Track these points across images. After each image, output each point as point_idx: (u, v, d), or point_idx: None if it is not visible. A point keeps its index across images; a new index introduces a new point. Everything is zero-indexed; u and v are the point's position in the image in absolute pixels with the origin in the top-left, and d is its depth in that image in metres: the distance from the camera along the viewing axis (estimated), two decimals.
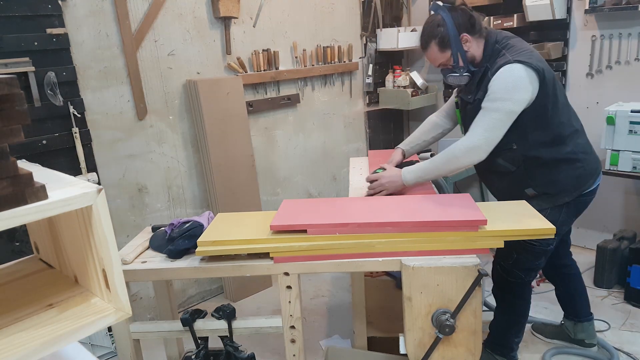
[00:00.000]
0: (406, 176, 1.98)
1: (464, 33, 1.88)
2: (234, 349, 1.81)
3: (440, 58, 1.94)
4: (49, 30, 2.29)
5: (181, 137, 2.93)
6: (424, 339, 1.63)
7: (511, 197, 2.01)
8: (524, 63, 1.78)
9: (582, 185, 1.98)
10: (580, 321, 2.38)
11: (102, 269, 0.84)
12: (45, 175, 0.86)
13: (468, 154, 1.85)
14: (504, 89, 1.79)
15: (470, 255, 1.60)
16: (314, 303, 3.05)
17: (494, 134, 1.82)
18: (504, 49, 1.88)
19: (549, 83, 1.85)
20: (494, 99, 1.80)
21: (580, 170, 1.97)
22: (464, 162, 1.88)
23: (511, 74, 1.79)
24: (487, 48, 1.92)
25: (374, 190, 2.06)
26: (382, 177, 2.04)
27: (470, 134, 1.85)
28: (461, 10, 1.90)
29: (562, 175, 1.95)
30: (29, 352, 0.76)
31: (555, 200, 1.98)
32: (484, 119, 1.83)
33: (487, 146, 1.83)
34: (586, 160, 1.99)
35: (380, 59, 3.98)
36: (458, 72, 1.93)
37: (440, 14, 1.89)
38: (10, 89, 0.71)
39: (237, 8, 2.97)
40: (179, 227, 1.83)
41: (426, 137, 2.30)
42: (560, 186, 1.96)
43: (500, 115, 1.80)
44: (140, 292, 2.88)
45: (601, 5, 2.93)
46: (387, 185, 2.02)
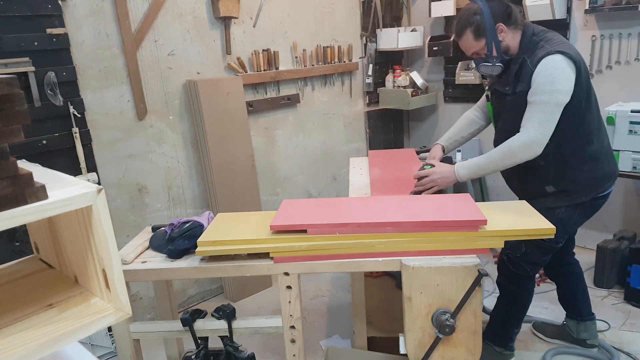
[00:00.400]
0: (460, 172, 1.96)
1: (500, 23, 1.89)
2: (234, 349, 1.81)
3: (474, 46, 1.94)
4: (49, 30, 2.29)
5: (181, 137, 2.93)
6: (424, 339, 1.63)
7: (530, 192, 2.03)
8: (564, 54, 1.79)
9: (600, 187, 1.99)
10: (583, 320, 2.37)
11: (102, 269, 0.84)
12: (45, 175, 0.86)
13: (526, 148, 1.84)
14: (550, 80, 1.79)
15: (470, 255, 1.60)
16: (314, 303, 3.05)
17: (548, 126, 1.82)
18: (541, 41, 1.89)
19: (584, 77, 1.86)
20: (542, 92, 1.80)
21: (600, 171, 1.98)
22: (522, 157, 1.86)
23: (554, 65, 1.79)
24: (524, 40, 1.92)
25: (424, 186, 2.03)
26: (433, 172, 2.01)
27: (525, 129, 1.85)
28: (498, 0, 1.91)
29: (583, 174, 1.96)
30: (29, 352, 0.76)
31: (572, 199, 1.98)
32: (536, 113, 1.83)
33: (544, 139, 1.83)
34: (607, 161, 2.00)
35: (380, 59, 3.98)
36: (491, 61, 1.93)
37: (478, 3, 1.90)
38: (10, 89, 0.71)
39: (237, 8, 2.97)
40: (179, 227, 1.83)
41: (464, 133, 2.30)
42: (579, 185, 1.97)
43: (551, 108, 1.80)
44: (140, 292, 2.88)
45: (601, 5, 2.93)
46: (439, 181, 2.00)
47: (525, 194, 2.07)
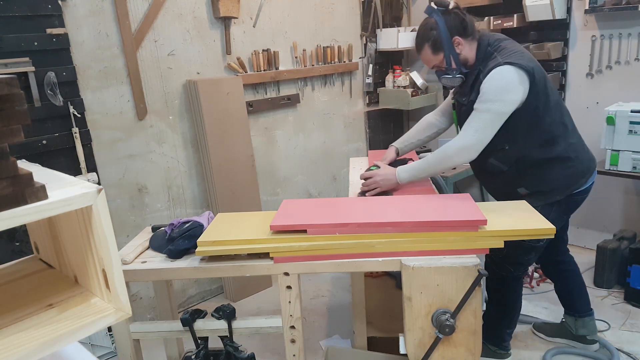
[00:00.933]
0: (401, 175, 2.03)
1: (456, 36, 1.92)
2: (234, 349, 1.81)
3: (433, 60, 1.98)
4: (49, 30, 2.29)
5: (181, 137, 2.93)
6: (424, 339, 1.63)
7: (505, 196, 2.07)
8: (514, 64, 1.82)
9: (573, 184, 2.02)
10: (581, 316, 2.38)
11: (102, 269, 0.84)
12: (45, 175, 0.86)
13: (460, 153, 1.90)
14: (495, 90, 1.83)
15: (470, 255, 1.60)
16: (314, 303, 3.05)
17: (485, 134, 1.87)
18: (495, 52, 1.92)
19: (540, 83, 1.88)
20: (485, 100, 1.85)
21: (572, 169, 2.00)
22: (456, 161, 1.94)
23: (501, 76, 1.83)
24: (480, 50, 1.96)
25: (368, 187, 2.09)
26: (376, 174, 2.08)
27: (462, 134, 1.91)
28: (454, 14, 1.93)
29: (553, 174, 1.99)
30: (29, 352, 0.76)
31: (546, 199, 2.01)
32: (475, 119, 1.88)
33: (478, 146, 1.88)
34: (578, 159, 2.02)
35: (380, 59, 3.98)
36: (451, 73, 1.98)
37: (434, 17, 1.94)
38: (10, 89, 0.71)
39: (237, 8, 2.97)
40: (179, 227, 1.83)
41: (420, 136, 2.36)
42: (551, 185, 2.00)
43: (491, 116, 1.85)
44: (140, 292, 2.88)
45: (601, 5, 2.93)
46: (382, 183, 2.06)
47: (502, 197, 2.11)
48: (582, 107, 3.25)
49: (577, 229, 3.44)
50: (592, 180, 2.08)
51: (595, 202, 3.32)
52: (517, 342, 2.51)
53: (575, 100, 3.27)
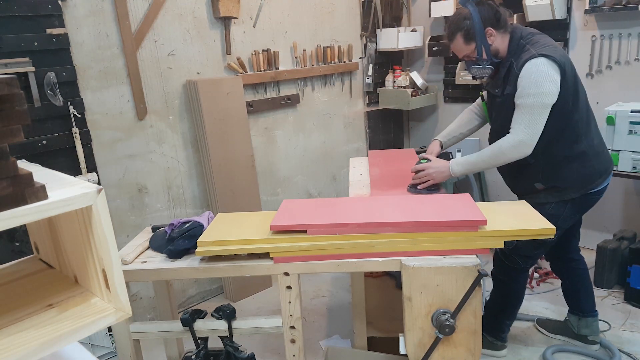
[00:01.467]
0: (454, 168, 2.05)
1: (489, 27, 1.96)
2: (234, 349, 1.81)
3: (464, 50, 2.02)
4: (49, 30, 2.29)
5: (181, 137, 2.93)
6: (424, 339, 1.63)
7: (521, 188, 2.14)
8: (547, 56, 1.86)
9: (590, 184, 2.03)
10: (585, 316, 2.39)
11: (102, 269, 0.84)
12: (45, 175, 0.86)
13: (515, 149, 1.92)
14: (534, 83, 1.86)
15: (470, 256, 1.60)
16: (314, 303, 3.05)
17: (535, 128, 1.90)
18: (528, 44, 1.95)
19: (570, 78, 1.91)
20: (527, 95, 1.88)
21: (590, 169, 2.02)
22: (511, 157, 1.95)
23: (537, 68, 1.86)
24: (512, 43, 1.99)
25: (421, 180, 2.11)
26: (429, 167, 2.09)
27: (514, 131, 1.93)
28: (488, 5, 1.97)
29: (571, 172, 2.01)
30: (29, 352, 0.76)
31: (561, 195, 2.04)
32: (523, 115, 1.90)
33: (532, 140, 1.91)
34: (597, 159, 2.04)
35: (380, 59, 3.98)
36: (481, 64, 2.01)
37: (468, 7, 1.97)
38: (10, 89, 0.71)
39: (237, 8, 2.97)
40: (179, 227, 1.83)
41: (463, 130, 2.38)
42: (568, 182, 2.02)
43: (537, 110, 1.88)
44: (140, 292, 2.88)
45: (601, 5, 2.93)
46: (435, 175, 2.08)
47: (518, 189, 2.19)
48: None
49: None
50: (608, 181, 2.09)
51: None
52: (517, 341, 2.51)
53: None
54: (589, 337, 2.39)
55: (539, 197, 2.07)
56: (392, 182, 2.29)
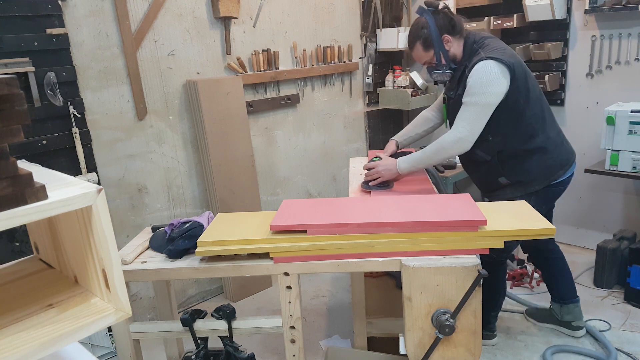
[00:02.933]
0: (401, 165, 2.16)
1: (445, 34, 2.07)
2: (234, 349, 1.81)
3: (424, 57, 2.13)
4: (49, 30, 2.29)
5: (181, 137, 2.93)
6: (424, 339, 1.63)
7: (488, 185, 2.27)
8: (495, 59, 1.96)
9: (551, 175, 2.14)
10: (566, 303, 2.49)
11: (102, 269, 0.84)
12: (45, 175, 0.86)
13: (455, 145, 2.03)
14: (479, 83, 1.97)
15: (470, 256, 1.61)
16: (314, 303, 3.05)
17: (476, 125, 2.00)
18: (480, 48, 2.06)
19: (520, 78, 2.01)
20: (472, 94, 1.99)
21: (550, 161, 2.13)
22: (452, 153, 2.06)
23: (485, 70, 1.97)
24: (466, 48, 2.11)
25: (371, 177, 2.22)
26: (378, 165, 2.20)
27: (455, 127, 2.04)
28: (443, 14, 2.08)
29: (532, 165, 2.12)
30: (29, 352, 0.76)
31: (525, 189, 2.15)
32: (465, 113, 2.02)
33: (471, 137, 2.01)
34: (556, 151, 2.15)
35: (380, 59, 3.97)
36: (441, 69, 2.12)
37: (425, 17, 2.08)
38: (10, 89, 0.70)
39: (237, 8, 2.97)
40: (179, 227, 1.83)
41: (418, 130, 2.51)
42: (530, 175, 2.14)
43: (479, 109, 1.99)
44: (140, 292, 2.88)
45: (601, 5, 2.93)
46: (383, 173, 2.18)
47: (484, 187, 2.32)
48: (582, 107, 3.25)
49: (577, 229, 3.44)
50: (570, 172, 2.20)
51: (595, 202, 3.32)
52: (517, 341, 2.51)
53: (575, 100, 3.27)
54: (572, 322, 2.49)
55: (505, 192, 2.19)
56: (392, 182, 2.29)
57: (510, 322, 2.68)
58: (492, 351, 2.44)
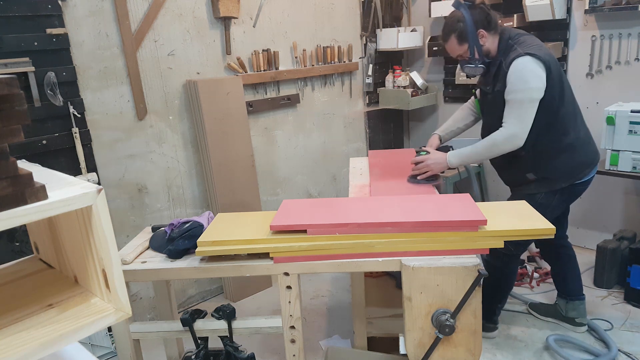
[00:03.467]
0: (451, 159, 2.19)
1: (481, 29, 2.10)
2: (234, 349, 1.81)
3: (458, 50, 2.16)
4: (49, 30, 2.29)
5: (181, 137, 2.93)
6: (424, 339, 1.63)
7: (515, 179, 2.31)
8: (532, 55, 2.00)
9: (578, 174, 2.18)
10: (572, 300, 2.54)
11: (102, 269, 0.84)
12: (45, 175, 0.86)
13: (508, 141, 2.07)
14: (521, 80, 2.01)
15: (470, 256, 1.61)
16: (314, 303, 3.05)
17: (525, 121, 2.04)
18: (516, 44, 2.09)
19: (555, 75, 2.04)
20: (516, 90, 2.03)
21: (577, 160, 2.18)
22: (504, 149, 2.10)
23: (524, 66, 2.01)
24: (501, 43, 2.14)
25: (420, 170, 2.25)
26: (427, 158, 2.23)
27: (507, 125, 2.07)
28: (479, 8, 2.11)
29: (561, 162, 2.16)
30: (29, 352, 0.76)
31: (551, 185, 2.19)
32: (514, 110, 2.05)
33: (523, 133, 2.05)
34: (584, 150, 2.19)
35: (380, 59, 3.97)
36: (474, 63, 2.16)
37: (461, 11, 2.11)
38: (10, 89, 0.71)
39: (237, 8, 2.97)
40: (179, 227, 1.83)
41: (459, 125, 2.52)
42: (558, 172, 2.17)
43: (525, 104, 2.03)
44: (140, 292, 2.88)
45: (601, 5, 2.93)
46: (433, 166, 2.22)
47: (510, 181, 2.36)
48: (582, 107, 3.21)
49: (577, 229, 3.44)
50: (594, 172, 2.24)
51: (595, 202, 3.32)
52: (517, 341, 2.51)
53: None
54: (576, 319, 2.54)
55: (529, 187, 2.22)
56: (392, 182, 2.29)
57: (511, 321, 2.68)
58: (492, 351, 2.45)
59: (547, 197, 2.18)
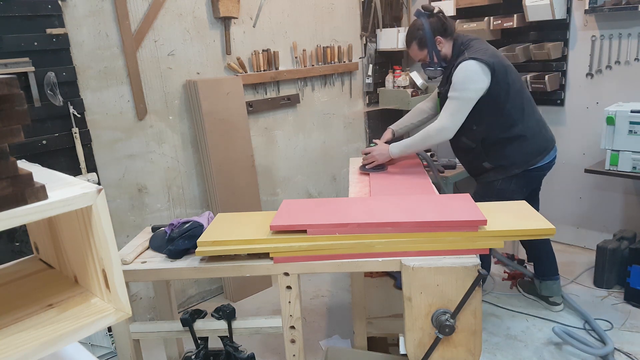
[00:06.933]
0: (392, 150, 2.43)
1: (438, 36, 2.34)
2: (233, 349, 1.81)
3: (419, 55, 2.42)
4: (49, 30, 2.29)
5: (181, 137, 2.93)
6: (424, 339, 1.63)
7: (475, 169, 2.54)
8: (477, 59, 2.21)
9: (529, 160, 2.38)
10: (544, 280, 2.74)
11: (102, 269, 0.84)
12: (45, 175, 0.86)
13: (439, 133, 2.31)
14: (462, 81, 2.23)
15: (470, 256, 1.60)
16: (314, 303, 3.05)
17: (457, 117, 2.27)
18: (465, 50, 2.30)
19: (500, 74, 2.24)
20: (455, 90, 2.25)
21: (528, 147, 2.37)
22: (436, 140, 2.34)
23: (466, 69, 2.22)
24: (455, 48, 2.37)
25: (367, 160, 2.52)
26: (374, 150, 2.49)
27: (440, 118, 2.32)
28: (437, 17, 2.35)
29: (512, 151, 2.37)
30: (29, 352, 0.76)
31: (506, 172, 2.41)
32: (449, 105, 2.28)
33: (453, 127, 2.29)
34: (534, 138, 2.38)
35: (380, 59, 3.97)
36: (433, 66, 2.41)
37: (421, 19, 2.35)
38: (10, 89, 0.71)
39: (237, 8, 2.97)
40: (179, 227, 1.83)
41: (413, 121, 2.75)
42: (510, 160, 2.38)
43: (461, 102, 2.25)
44: (140, 292, 2.88)
45: (601, 5, 2.93)
46: (377, 157, 2.47)
47: (472, 170, 2.59)
48: (582, 107, 3.25)
49: (577, 229, 3.44)
50: (549, 158, 2.42)
51: (595, 202, 3.32)
52: (517, 341, 2.51)
53: (575, 100, 3.27)
54: (550, 298, 2.75)
55: (488, 175, 2.46)
56: (392, 182, 2.30)
57: (511, 321, 2.68)
58: (492, 351, 2.45)
59: (504, 183, 2.41)
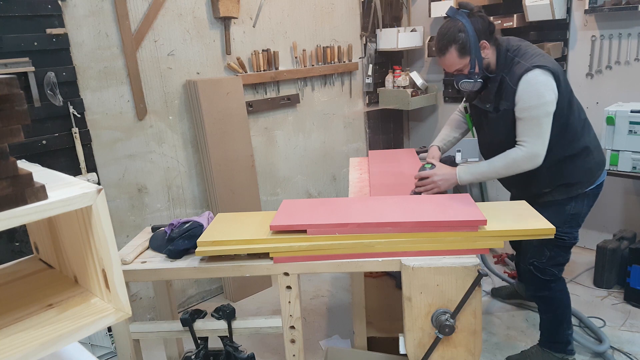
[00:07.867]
0: (462, 176, 1.99)
1: (484, 40, 1.90)
2: (233, 349, 1.81)
3: (457, 64, 1.93)
4: (48, 30, 2.29)
5: (181, 137, 2.93)
6: (423, 339, 1.63)
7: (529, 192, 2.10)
8: (541, 67, 1.84)
9: (593, 177, 2.06)
10: None
11: (102, 269, 0.84)
12: (45, 175, 0.86)
13: (530, 161, 1.89)
14: (535, 96, 1.83)
15: (470, 256, 1.61)
16: (314, 303, 3.05)
17: (544, 138, 1.88)
18: (516, 57, 1.91)
19: (563, 84, 1.90)
20: (531, 107, 1.85)
21: (592, 162, 2.05)
22: (524, 168, 1.91)
23: (535, 80, 1.84)
24: (500, 56, 1.95)
25: (425, 187, 2.03)
26: (434, 174, 2.01)
27: (527, 144, 1.89)
28: (479, 17, 1.90)
29: (578, 167, 2.02)
30: (29, 352, 0.76)
31: (570, 192, 2.05)
32: (532, 127, 1.87)
33: (543, 151, 1.89)
34: (596, 152, 2.08)
35: (380, 59, 3.97)
36: (472, 78, 1.93)
37: (460, 20, 1.88)
38: (10, 89, 0.70)
39: (237, 8, 2.97)
40: (179, 227, 1.83)
41: (455, 134, 2.35)
42: (576, 177, 2.03)
43: (542, 120, 1.86)
44: (140, 292, 2.88)
45: (601, 5, 2.93)
46: (440, 183, 2.01)
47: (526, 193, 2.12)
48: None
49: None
50: (605, 174, 2.13)
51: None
52: (517, 341, 2.51)
53: None
54: None
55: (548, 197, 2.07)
56: (392, 182, 2.29)
57: (511, 321, 2.68)
58: (492, 351, 2.44)
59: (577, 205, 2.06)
